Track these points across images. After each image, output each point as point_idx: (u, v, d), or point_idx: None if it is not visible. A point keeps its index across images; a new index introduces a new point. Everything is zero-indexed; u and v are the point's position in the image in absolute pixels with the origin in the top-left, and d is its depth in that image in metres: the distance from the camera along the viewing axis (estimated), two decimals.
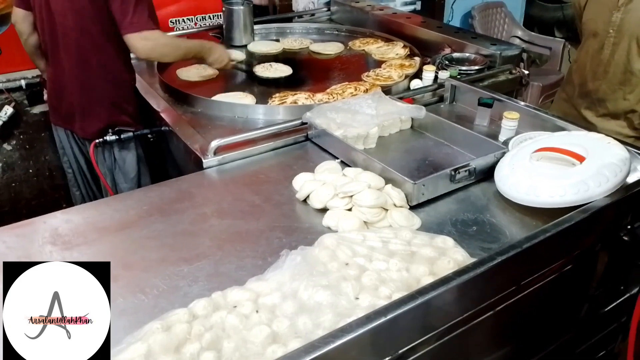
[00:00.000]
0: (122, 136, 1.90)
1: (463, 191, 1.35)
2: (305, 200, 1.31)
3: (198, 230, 1.23)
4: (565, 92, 2.29)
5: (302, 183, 1.34)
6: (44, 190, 2.75)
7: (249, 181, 1.44)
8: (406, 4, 3.55)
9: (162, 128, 1.83)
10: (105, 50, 1.84)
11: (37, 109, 2.57)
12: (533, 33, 4.38)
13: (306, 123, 1.61)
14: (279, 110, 1.79)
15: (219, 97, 1.90)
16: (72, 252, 1.16)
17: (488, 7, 4.27)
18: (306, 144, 1.62)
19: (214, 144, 1.50)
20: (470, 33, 2.66)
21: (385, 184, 1.29)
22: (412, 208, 1.26)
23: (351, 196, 1.24)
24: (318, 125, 1.56)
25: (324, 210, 1.26)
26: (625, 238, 1.26)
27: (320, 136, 1.58)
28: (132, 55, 1.94)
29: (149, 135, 1.92)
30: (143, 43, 1.76)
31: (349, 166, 1.42)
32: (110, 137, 1.89)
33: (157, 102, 1.93)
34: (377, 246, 1.07)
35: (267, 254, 1.11)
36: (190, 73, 2.11)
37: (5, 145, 2.59)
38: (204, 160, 1.49)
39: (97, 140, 1.88)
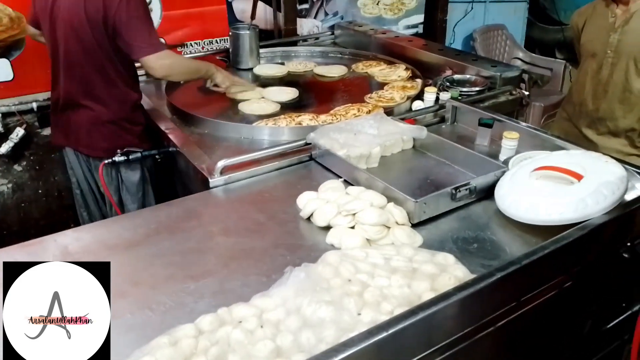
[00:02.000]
0: (131, 157, 1.94)
1: (464, 209, 1.37)
2: (309, 219, 1.33)
3: (204, 248, 1.26)
4: (566, 111, 2.33)
5: (306, 201, 1.36)
6: (52, 211, 2.79)
7: (254, 200, 1.47)
8: (408, 27, 3.62)
9: (170, 149, 1.87)
10: (108, 73, 1.90)
11: (48, 131, 2.62)
12: (534, 54, 4.43)
13: (310, 143, 1.65)
14: (284, 131, 1.83)
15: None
16: None
17: (489, 30, 4.33)
18: (310, 163, 1.65)
19: (220, 164, 1.54)
20: (471, 55, 2.71)
21: (388, 202, 1.32)
22: (414, 226, 1.29)
23: (354, 214, 1.27)
24: (322, 145, 1.60)
25: (327, 228, 1.29)
26: (625, 255, 1.28)
27: (323, 156, 1.61)
28: (141, 78, 2.00)
29: (157, 156, 1.96)
30: (161, 63, 1.85)
31: (352, 185, 1.45)
32: (118, 158, 1.93)
33: (165, 123, 1.98)
34: (380, 263, 1.09)
35: (272, 271, 1.13)
36: (254, 107, 2.08)
37: (15, 166, 2.64)
38: (210, 180, 1.52)
39: (106, 161, 1.93)
